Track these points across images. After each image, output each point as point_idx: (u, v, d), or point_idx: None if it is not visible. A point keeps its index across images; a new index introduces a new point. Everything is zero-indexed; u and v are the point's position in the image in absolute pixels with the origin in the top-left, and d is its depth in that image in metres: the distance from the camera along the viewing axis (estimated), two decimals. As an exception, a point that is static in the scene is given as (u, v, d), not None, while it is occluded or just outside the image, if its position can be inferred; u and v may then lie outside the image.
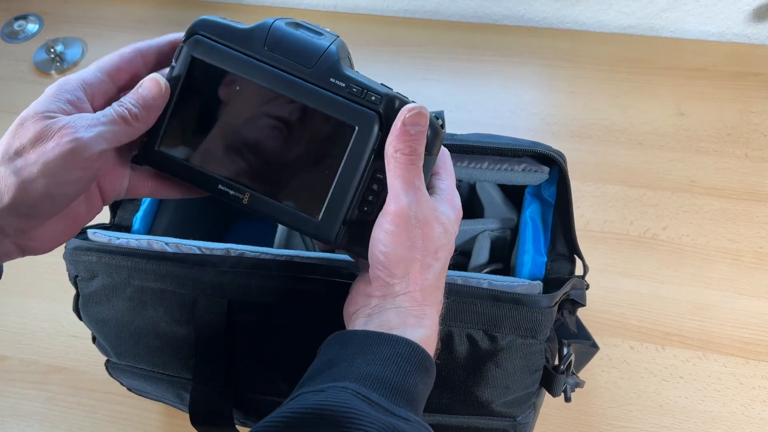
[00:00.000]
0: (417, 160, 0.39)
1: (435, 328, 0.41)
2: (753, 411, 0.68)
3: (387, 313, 0.40)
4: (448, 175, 0.43)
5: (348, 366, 0.37)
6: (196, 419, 0.55)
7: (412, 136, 0.39)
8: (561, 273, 0.56)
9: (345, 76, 0.40)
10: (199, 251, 0.53)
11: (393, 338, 0.38)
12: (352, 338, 0.39)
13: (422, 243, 0.39)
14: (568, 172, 0.55)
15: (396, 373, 0.36)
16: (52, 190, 0.36)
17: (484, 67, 0.99)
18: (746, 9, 0.96)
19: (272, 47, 0.40)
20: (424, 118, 0.39)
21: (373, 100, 0.40)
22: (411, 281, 0.40)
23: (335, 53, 0.40)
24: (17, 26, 1.12)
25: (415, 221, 0.39)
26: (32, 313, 0.79)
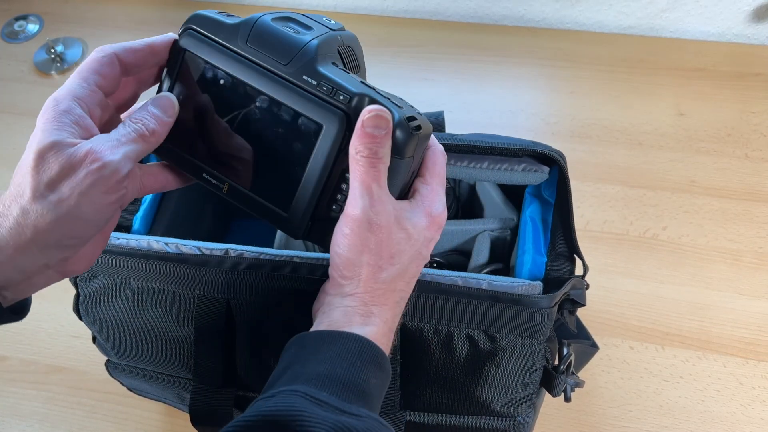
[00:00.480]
0: (378, 162, 0.38)
1: (386, 327, 0.41)
2: (753, 411, 0.68)
3: (334, 311, 0.40)
4: (433, 177, 0.42)
5: (300, 368, 0.37)
6: (196, 419, 0.55)
7: (372, 138, 0.38)
8: (561, 273, 0.56)
9: (318, 74, 0.39)
10: (199, 251, 0.53)
11: (342, 335, 0.38)
12: (305, 340, 0.39)
13: (376, 248, 0.39)
14: (568, 172, 0.55)
15: (346, 370, 0.37)
16: (90, 218, 0.37)
17: (484, 67, 0.99)
18: (746, 9, 0.96)
19: (253, 42, 0.40)
20: (384, 120, 0.38)
21: (341, 99, 0.39)
22: (360, 283, 0.40)
23: (313, 49, 0.40)
24: (17, 26, 1.12)
25: (368, 225, 0.39)
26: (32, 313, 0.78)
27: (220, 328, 0.52)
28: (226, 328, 0.52)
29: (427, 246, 0.42)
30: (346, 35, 0.44)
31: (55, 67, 1.05)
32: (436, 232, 0.42)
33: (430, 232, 0.42)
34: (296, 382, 0.36)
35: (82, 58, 1.06)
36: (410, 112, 0.40)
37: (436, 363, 0.51)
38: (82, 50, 1.07)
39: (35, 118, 0.38)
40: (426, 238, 0.42)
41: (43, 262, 0.38)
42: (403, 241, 0.40)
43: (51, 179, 0.35)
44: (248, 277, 0.51)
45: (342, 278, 0.40)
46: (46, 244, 0.36)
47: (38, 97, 1.01)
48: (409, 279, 0.42)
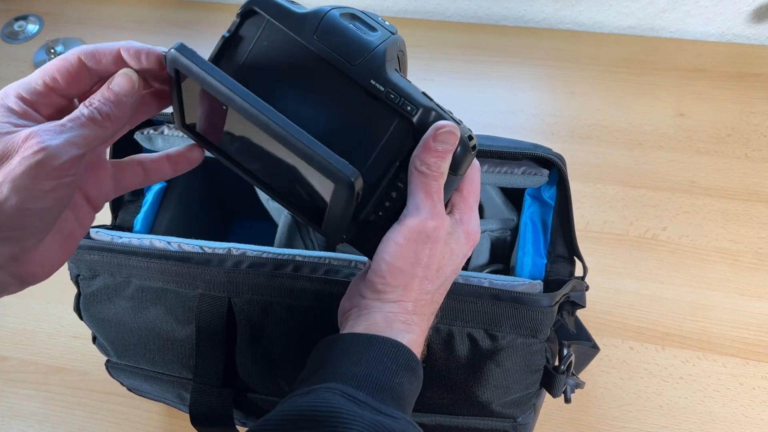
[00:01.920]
0: (440, 177, 0.39)
1: (422, 336, 0.41)
2: (753, 411, 0.68)
3: (374, 315, 0.40)
4: (471, 194, 0.43)
5: (335, 368, 0.37)
6: (196, 419, 0.55)
7: (438, 153, 0.38)
8: (561, 275, 0.56)
9: (386, 80, 0.39)
10: (201, 250, 0.53)
11: (379, 339, 0.38)
12: (339, 341, 0.39)
13: (427, 260, 0.40)
14: (568, 173, 0.55)
15: (382, 373, 0.37)
16: (26, 205, 0.33)
17: (484, 67, 0.99)
18: (746, 10, 0.96)
19: (321, 37, 0.39)
20: (454, 137, 0.39)
21: (409, 110, 0.39)
22: (405, 293, 0.40)
23: (382, 54, 0.39)
24: (17, 27, 1.12)
25: (425, 238, 0.39)
26: (32, 313, 0.79)
27: (221, 327, 0.52)
28: (227, 328, 0.52)
29: (462, 261, 0.43)
30: (401, 39, 0.43)
31: (55, 68, 1.05)
32: (470, 249, 0.43)
33: (467, 248, 0.42)
34: (332, 380, 0.36)
35: (82, 58, 1.06)
36: (468, 130, 0.40)
37: (436, 362, 0.51)
38: (82, 50, 1.07)
39: None
40: (464, 254, 0.42)
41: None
42: (448, 255, 0.41)
43: None
44: (250, 276, 0.51)
45: (386, 285, 0.40)
46: None
47: (38, 97, 1.01)
48: (443, 291, 0.43)
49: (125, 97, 0.36)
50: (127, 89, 0.36)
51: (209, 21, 1.09)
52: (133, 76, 0.37)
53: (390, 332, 0.39)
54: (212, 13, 1.11)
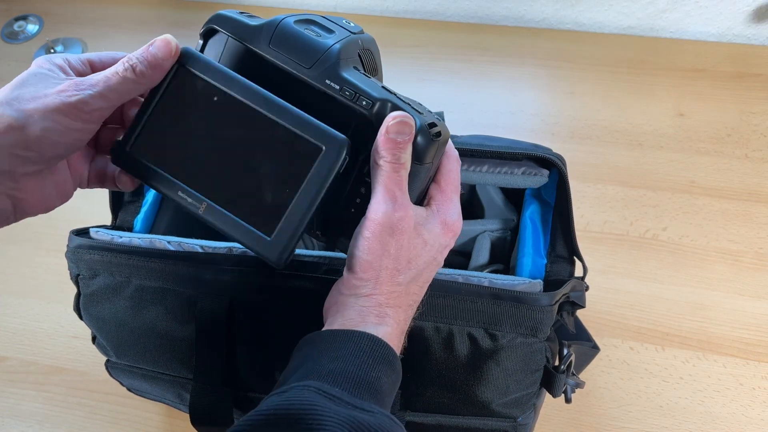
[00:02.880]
0: (400, 168, 0.39)
1: (398, 328, 0.41)
2: (753, 412, 0.68)
3: (349, 310, 0.40)
4: (448, 185, 0.43)
5: (313, 365, 0.38)
6: (196, 419, 0.55)
7: (396, 144, 0.39)
8: (561, 275, 0.56)
9: (340, 78, 0.40)
10: (201, 250, 0.53)
11: (355, 334, 0.39)
12: (318, 338, 0.40)
13: (395, 252, 0.40)
14: (568, 173, 0.55)
15: (358, 367, 0.37)
16: (48, 134, 0.38)
17: (484, 67, 0.99)
18: (746, 10, 0.96)
19: (276, 44, 0.40)
20: (408, 126, 0.39)
21: (364, 104, 0.39)
22: (377, 285, 0.40)
23: (335, 54, 0.40)
24: (17, 27, 1.12)
25: (390, 230, 0.39)
26: (32, 313, 0.79)
27: (221, 327, 0.52)
28: (228, 327, 0.52)
29: (441, 253, 0.43)
30: (366, 38, 0.44)
31: (55, 68, 1.05)
32: (451, 240, 0.43)
33: (445, 239, 0.42)
34: (309, 378, 0.36)
35: (82, 58, 1.06)
36: (431, 118, 0.41)
37: (436, 362, 0.51)
38: (82, 50, 1.07)
39: None
40: (441, 245, 0.42)
41: None
42: (420, 246, 0.41)
43: (22, 95, 0.38)
44: (251, 275, 0.51)
45: (359, 280, 0.40)
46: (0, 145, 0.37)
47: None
48: (422, 284, 0.43)
49: (162, 60, 0.40)
50: (164, 52, 0.40)
51: (209, 21, 1.09)
52: (172, 42, 0.40)
53: (365, 326, 0.39)
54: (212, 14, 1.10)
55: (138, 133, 0.41)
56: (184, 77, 0.41)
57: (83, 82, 0.38)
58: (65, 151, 0.40)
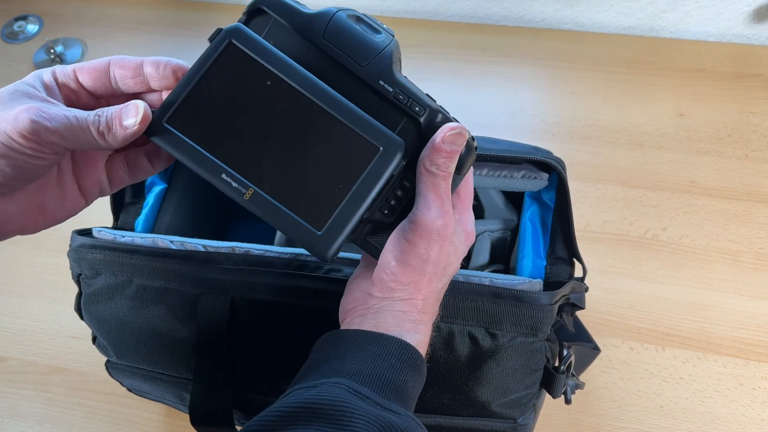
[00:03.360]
0: (448, 177, 0.40)
1: (428, 334, 0.42)
2: (753, 412, 0.68)
3: (384, 314, 0.40)
4: (467, 194, 0.44)
5: (340, 363, 0.38)
6: (196, 419, 0.55)
7: (447, 154, 0.39)
8: (560, 276, 0.56)
9: (394, 81, 0.40)
10: (204, 249, 0.53)
11: (384, 337, 0.39)
12: (344, 337, 0.40)
13: (436, 258, 0.40)
14: (568, 173, 0.55)
15: (387, 370, 0.37)
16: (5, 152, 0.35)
17: (484, 67, 0.99)
18: (746, 10, 0.96)
19: (330, 37, 0.40)
20: (463, 138, 0.40)
21: (417, 110, 0.40)
22: (415, 290, 0.41)
23: (389, 56, 0.40)
24: (17, 27, 1.12)
25: (436, 236, 0.40)
26: (32, 313, 0.79)
27: (222, 326, 0.52)
28: (229, 327, 0.52)
29: (459, 260, 0.44)
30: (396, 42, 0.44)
31: (55, 68, 1.05)
32: (467, 249, 0.44)
33: (465, 247, 0.43)
34: (337, 375, 0.37)
35: (81, 58, 1.06)
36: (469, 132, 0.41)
37: (437, 362, 0.51)
38: (82, 50, 1.07)
39: None
40: (463, 253, 0.43)
41: None
42: (453, 253, 0.42)
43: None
44: (253, 274, 0.51)
45: (396, 283, 0.40)
46: None
47: (38, 97, 1.01)
48: (444, 287, 0.44)
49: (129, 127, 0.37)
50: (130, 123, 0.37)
51: (209, 21, 1.09)
52: (141, 109, 0.37)
53: (400, 332, 0.40)
54: (212, 14, 1.11)
55: (178, 106, 0.39)
56: (236, 55, 0.39)
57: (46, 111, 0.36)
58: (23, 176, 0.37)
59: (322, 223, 0.39)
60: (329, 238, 0.39)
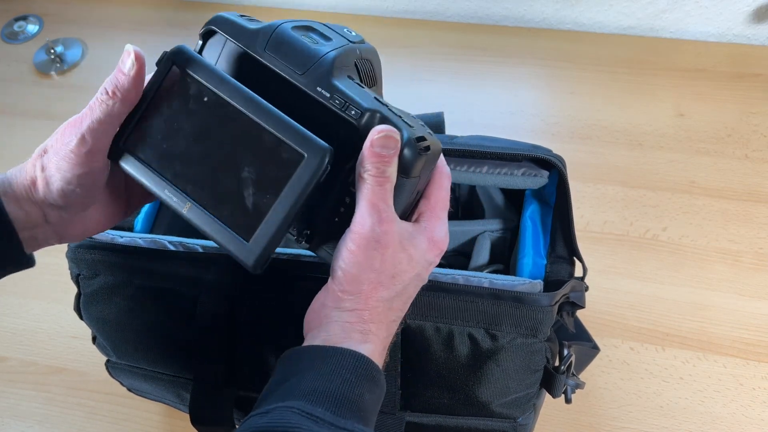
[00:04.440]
0: (385, 182, 0.39)
1: (381, 345, 0.41)
2: (753, 412, 0.68)
3: (332, 325, 0.40)
4: (438, 202, 0.43)
5: (296, 383, 0.37)
6: (196, 419, 0.55)
7: (380, 158, 0.38)
8: (561, 275, 0.56)
9: (331, 86, 0.39)
10: (202, 250, 0.53)
11: (338, 351, 0.38)
12: (300, 354, 0.39)
13: (379, 266, 0.39)
14: (568, 173, 0.55)
15: (340, 386, 0.37)
16: (68, 185, 0.40)
17: (484, 67, 0.99)
18: (746, 10, 0.96)
19: (272, 49, 0.40)
20: (393, 140, 0.38)
21: (353, 114, 0.39)
22: (361, 300, 0.40)
23: (330, 62, 0.40)
24: (17, 27, 1.12)
25: (375, 244, 0.39)
26: (32, 313, 0.79)
27: (221, 326, 0.52)
28: (228, 327, 0.52)
29: (426, 269, 0.42)
30: (365, 48, 0.44)
31: (55, 68, 1.05)
32: (436, 257, 0.42)
33: (431, 255, 0.42)
34: (291, 397, 0.36)
35: (81, 58, 1.06)
36: (421, 131, 0.40)
37: (436, 362, 0.51)
38: (82, 51, 1.07)
39: (35, 118, 0.39)
40: (427, 261, 0.42)
41: (41, 213, 0.42)
42: (405, 262, 0.40)
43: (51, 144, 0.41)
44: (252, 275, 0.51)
45: (343, 293, 0.40)
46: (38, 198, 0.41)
47: (38, 97, 1.01)
48: (406, 300, 0.42)
49: (129, 71, 0.39)
50: (128, 64, 0.39)
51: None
52: (131, 50, 0.39)
53: (348, 343, 0.39)
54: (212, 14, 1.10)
55: (131, 130, 0.41)
56: (177, 76, 0.40)
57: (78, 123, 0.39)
58: (89, 191, 0.42)
59: (250, 234, 0.39)
60: (256, 249, 0.39)
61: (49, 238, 0.43)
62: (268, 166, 0.39)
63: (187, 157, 0.40)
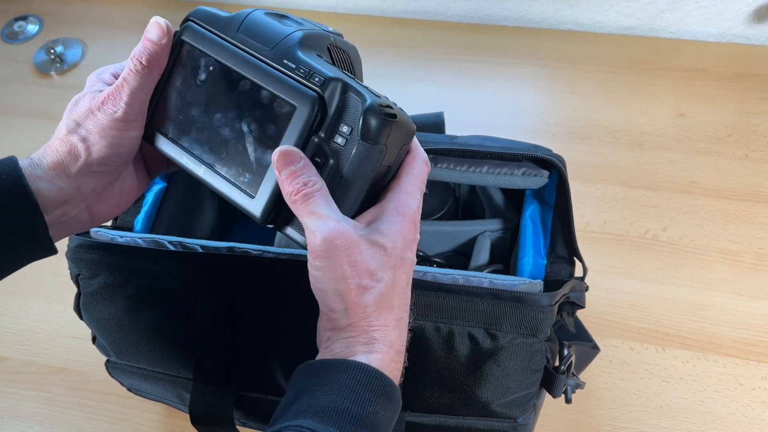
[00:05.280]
0: (311, 193, 0.38)
1: (392, 350, 0.39)
2: (753, 412, 0.68)
3: (335, 344, 0.39)
4: (410, 180, 0.41)
5: (308, 399, 0.36)
6: (196, 419, 0.55)
7: (293, 175, 0.38)
8: (561, 275, 0.56)
9: (297, 59, 0.40)
10: (202, 250, 0.53)
11: (349, 364, 0.37)
12: (311, 369, 0.39)
13: (351, 269, 0.38)
14: (568, 173, 0.55)
15: (353, 402, 0.36)
16: (111, 150, 0.43)
17: (484, 68, 0.99)
18: (746, 10, 0.96)
19: (244, 31, 0.42)
20: (293, 153, 0.38)
21: (316, 80, 0.40)
22: (350, 312, 0.38)
23: (296, 39, 0.41)
24: (17, 27, 1.12)
25: (335, 252, 0.37)
26: (32, 313, 0.79)
27: (221, 326, 0.52)
28: (228, 327, 0.52)
29: (410, 248, 0.41)
30: (342, 40, 0.45)
31: (55, 68, 1.05)
32: (415, 232, 0.41)
33: (409, 233, 0.40)
34: (303, 415, 0.35)
35: (81, 58, 1.06)
36: (381, 100, 0.40)
37: (436, 362, 0.51)
38: (82, 51, 1.07)
39: (35, 118, 0.39)
40: (406, 240, 0.40)
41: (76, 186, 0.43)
42: (379, 254, 0.39)
43: (80, 116, 0.43)
44: (252, 275, 0.51)
45: (332, 312, 0.39)
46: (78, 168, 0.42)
47: (38, 97, 1.01)
48: (402, 290, 0.41)
49: (159, 41, 0.43)
50: (158, 34, 0.43)
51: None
52: (161, 21, 0.43)
53: (354, 357, 0.38)
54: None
55: (155, 107, 0.45)
56: (185, 49, 0.44)
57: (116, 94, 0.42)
58: (127, 157, 0.44)
59: (255, 189, 0.41)
60: (261, 201, 0.41)
61: (80, 215, 0.44)
62: (267, 123, 0.41)
63: (199, 124, 0.43)
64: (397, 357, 0.40)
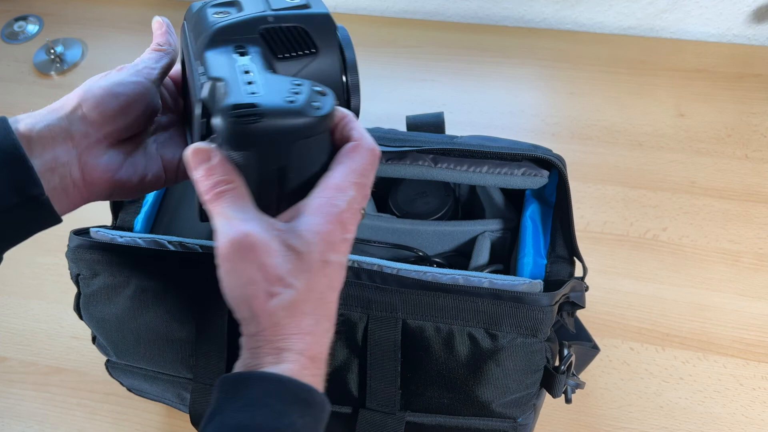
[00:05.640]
0: (221, 194, 0.36)
1: (304, 358, 0.36)
2: (753, 412, 0.68)
3: (245, 353, 0.37)
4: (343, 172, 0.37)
5: (221, 418, 0.35)
6: (197, 419, 0.55)
7: (204, 174, 0.36)
8: (561, 275, 0.56)
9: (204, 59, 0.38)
10: (202, 250, 0.53)
11: (260, 376, 0.35)
12: (225, 384, 0.37)
13: (259, 275, 0.35)
14: (568, 173, 0.55)
15: (267, 417, 0.34)
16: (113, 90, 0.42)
17: (484, 68, 0.99)
18: (746, 10, 0.96)
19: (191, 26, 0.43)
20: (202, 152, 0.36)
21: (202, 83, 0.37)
22: (258, 319, 0.36)
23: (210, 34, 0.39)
24: (17, 27, 1.12)
25: (240, 255, 0.35)
26: (32, 313, 0.79)
27: (221, 326, 0.52)
28: (228, 327, 0.52)
29: (335, 250, 0.37)
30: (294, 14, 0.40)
31: (55, 68, 1.05)
32: (343, 231, 0.37)
33: (333, 234, 0.36)
34: None
35: (81, 58, 1.06)
36: (258, 100, 0.34)
37: (436, 362, 0.51)
38: (82, 51, 1.07)
39: None
40: (328, 242, 0.36)
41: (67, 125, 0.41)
42: (291, 257, 0.35)
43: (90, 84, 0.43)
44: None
45: (242, 319, 0.37)
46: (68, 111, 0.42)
47: (38, 97, 1.01)
48: (319, 295, 0.37)
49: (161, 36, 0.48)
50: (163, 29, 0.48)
51: (209, 21, 1.09)
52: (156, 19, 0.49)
53: (263, 367, 0.36)
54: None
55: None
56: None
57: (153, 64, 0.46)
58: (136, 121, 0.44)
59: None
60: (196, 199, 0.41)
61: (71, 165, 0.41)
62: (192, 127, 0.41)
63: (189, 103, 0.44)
64: (312, 363, 0.37)
